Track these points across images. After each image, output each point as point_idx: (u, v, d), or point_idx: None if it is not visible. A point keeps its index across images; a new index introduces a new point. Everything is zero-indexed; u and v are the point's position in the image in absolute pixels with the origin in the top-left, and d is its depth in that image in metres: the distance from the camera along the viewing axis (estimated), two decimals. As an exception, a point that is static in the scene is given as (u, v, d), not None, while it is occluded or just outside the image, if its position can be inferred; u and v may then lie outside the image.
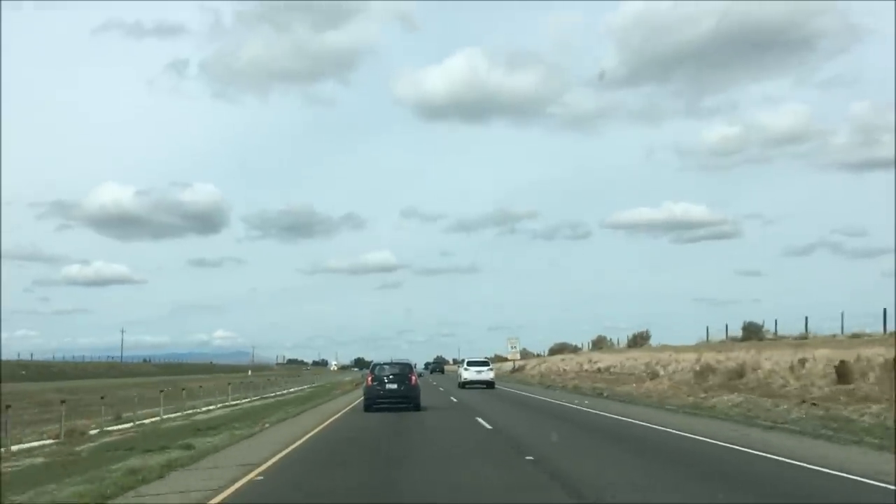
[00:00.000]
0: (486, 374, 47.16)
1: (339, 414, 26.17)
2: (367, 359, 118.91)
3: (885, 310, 32.45)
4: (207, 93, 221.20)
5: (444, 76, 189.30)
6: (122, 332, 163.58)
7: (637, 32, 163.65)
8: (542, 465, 12.61)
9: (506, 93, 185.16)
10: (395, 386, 26.13)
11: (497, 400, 34.05)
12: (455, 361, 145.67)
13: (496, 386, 46.77)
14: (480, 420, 22.06)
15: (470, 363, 49.58)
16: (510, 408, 28.60)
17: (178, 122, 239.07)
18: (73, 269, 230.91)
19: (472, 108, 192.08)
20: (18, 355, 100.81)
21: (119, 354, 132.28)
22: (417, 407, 25.92)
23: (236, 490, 10.65)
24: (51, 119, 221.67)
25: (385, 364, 27.58)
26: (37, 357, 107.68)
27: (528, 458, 13.44)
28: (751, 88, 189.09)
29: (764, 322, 42.08)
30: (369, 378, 26.72)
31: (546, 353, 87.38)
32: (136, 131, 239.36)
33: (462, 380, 48.10)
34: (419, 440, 17.28)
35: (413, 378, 26.50)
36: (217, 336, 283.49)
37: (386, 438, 17.60)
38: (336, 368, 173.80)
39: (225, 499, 10.04)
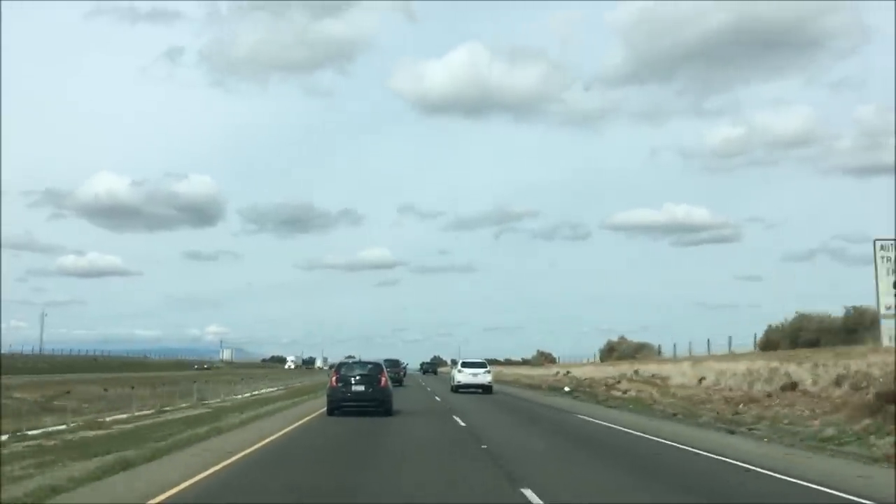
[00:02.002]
0: (483, 376, 41.50)
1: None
2: (362, 358, 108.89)
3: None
4: (203, 82, 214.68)
5: (444, 70, 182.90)
6: (44, 314, 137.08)
7: (642, 29, 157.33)
8: None
9: (507, 89, 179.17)
10: (362, 388, 23.68)
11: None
12: (454, 362, 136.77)
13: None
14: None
15: (465, 364, 43.64)
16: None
17: (174, 111, 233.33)
18: (68, 260, 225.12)
19: (472, 103, 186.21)
20: (10, 346, 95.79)
21: (68, 347, 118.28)
22: (388, 412, 23.71)
23: None
24: (42, 105, 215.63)
25: (353, 363, 25.90)
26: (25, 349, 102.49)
27: None
28: (758, 89, 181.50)
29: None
30: (334, 378, 24.36)
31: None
32: (131, 120, 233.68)
33: (455, 383, 42.19)
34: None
35: (383, 379, 24.16)
36: (210, 331, 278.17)
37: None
38: (294, 366, 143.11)
39: None
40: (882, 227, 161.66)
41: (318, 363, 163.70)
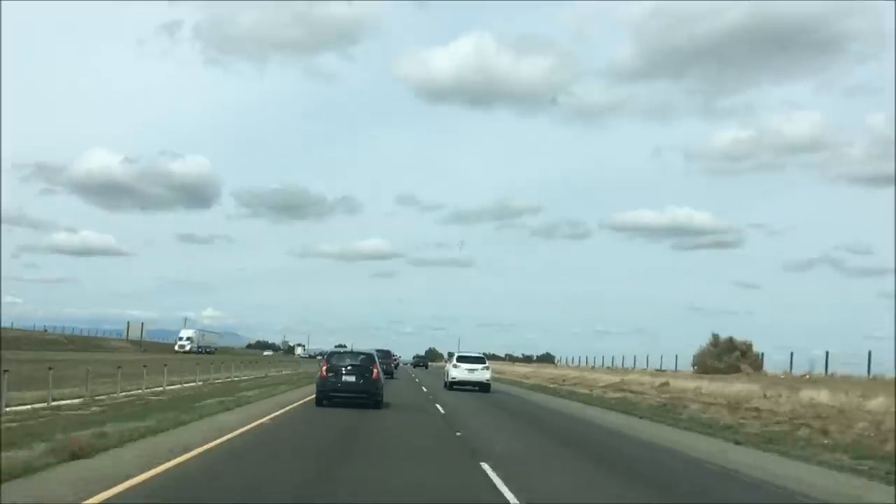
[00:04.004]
0: (481, 373, 38.07)
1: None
2: (352, 348, 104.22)
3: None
4: (201, 59, 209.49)
5: (449, 57, 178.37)
6: None
7: (655, 23, 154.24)
8: None
9: (513, 80, 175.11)
10: (352, 379, 23.02)
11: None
12: (451, 356, 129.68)
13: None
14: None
15: (461, 358, 39.78)
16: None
17: (170, 87, 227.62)
18: (60, 237, 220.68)
19: (477, 93, 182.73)
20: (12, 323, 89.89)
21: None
22: (378, 404, 23.15)
23: None
24: (35, 75, 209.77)
25: (344, 352, 25.14)
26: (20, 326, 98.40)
27: None
28: (770, 91, 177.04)
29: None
30: (324, 368, 23.76)
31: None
32: (126, 94, 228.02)
33: (449, 379, 38.86)
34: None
35: (375, 371, 23.41)
36: (205, 315, 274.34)
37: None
38: (191, 348, 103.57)
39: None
40: (885, 237, 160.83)
41: (299, 351, 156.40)
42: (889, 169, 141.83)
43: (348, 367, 23.17)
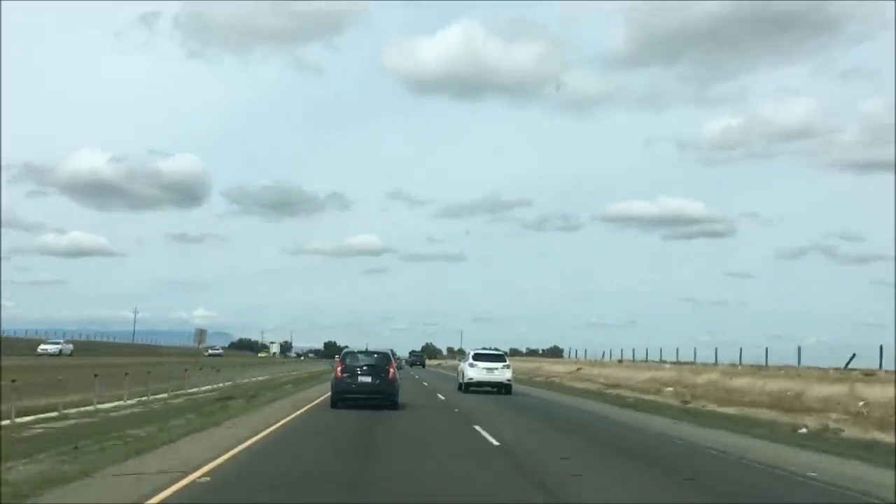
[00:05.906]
0: (501, 372, 34.21)
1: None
2: (341, 344, 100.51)
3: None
4: (183, 52, 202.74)
5: (438, 47, 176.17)
6: None
7: (647, 7, 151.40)
8: None
9: (503, 70, 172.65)
10: (368, 379, 22.45)
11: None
12: (452, 352, 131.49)
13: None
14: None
15: (478, 356, 35.68)
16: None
17: (154, 84, 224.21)
18: (49, 239, 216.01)
19: (466, 83, 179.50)
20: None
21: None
22: (395, 405, 22.72)
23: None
24: (18, 73, 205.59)
25: (359, 352, 24.41)
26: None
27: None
28: (764, 76, 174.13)
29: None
30: (339, 368, 23.30)
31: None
32: (110, 92, 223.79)
33: (466, 379, 35.14)
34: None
35: (391, 371, 23.01)
36: (197, 315, 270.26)
37: None
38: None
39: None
40: (877, 224, 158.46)
41: (275, 349, 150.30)
42: (881, 155, 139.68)
43: (363, 368, 22.72)
